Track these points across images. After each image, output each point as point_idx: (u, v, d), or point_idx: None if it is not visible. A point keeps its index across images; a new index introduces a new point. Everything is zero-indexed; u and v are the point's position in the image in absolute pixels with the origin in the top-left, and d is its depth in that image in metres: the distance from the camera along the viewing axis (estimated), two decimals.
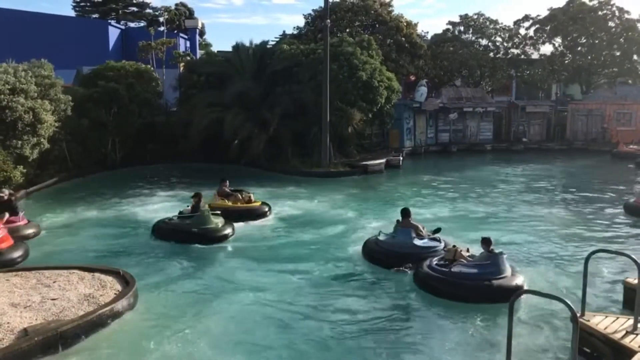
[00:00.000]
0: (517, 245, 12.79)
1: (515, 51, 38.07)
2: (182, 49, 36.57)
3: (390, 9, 34.94)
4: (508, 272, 9.35)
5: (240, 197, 15.32)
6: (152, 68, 26.92)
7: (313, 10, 36.47)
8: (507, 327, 5.88)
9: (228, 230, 13.03)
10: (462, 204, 17.86)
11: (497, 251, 9.54)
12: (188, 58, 31.52)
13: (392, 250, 10.80)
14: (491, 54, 37.96)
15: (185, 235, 12.53)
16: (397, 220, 11.51)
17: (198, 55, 36.61)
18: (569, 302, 5.59)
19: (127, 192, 19.08)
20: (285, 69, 25.75)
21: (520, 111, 35.96)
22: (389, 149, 30.07)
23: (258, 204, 15.55)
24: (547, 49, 38.09)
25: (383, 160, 25.61)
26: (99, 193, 18.97)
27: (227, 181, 15.85)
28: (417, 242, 10.90)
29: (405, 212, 11.38)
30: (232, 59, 26.82)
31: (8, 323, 7.55)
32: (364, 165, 24.44)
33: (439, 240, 11.04)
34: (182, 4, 51.89)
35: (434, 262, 9.78)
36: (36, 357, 7.08)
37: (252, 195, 15.66)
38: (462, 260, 9.60)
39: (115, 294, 8.81)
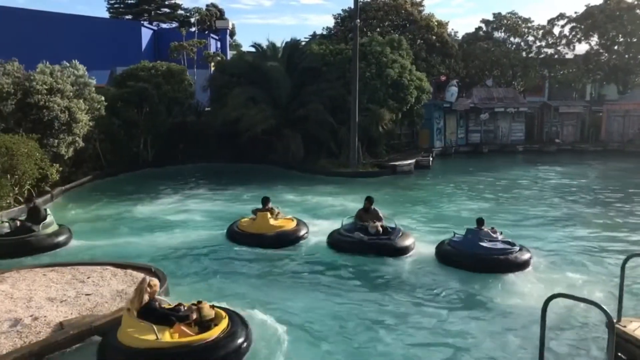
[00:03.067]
0: (550, 247, 12.55)
1: (549, 50, 37.33)
2: (212, 49, 37.01)
3: (421, 8, 34.69)
4: (516, 247, 10.75)
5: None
6: (184, 68, 27.27)
7: (343, 10, 36.49)
8: (540, 331, 5.75)
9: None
10: (492, 205, 17.61)
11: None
12: (219, 58, 31.87)
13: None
14: (524, 53, 37.32)
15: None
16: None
17: (229, 56, 36.98)
18: (604, 307, 5.45)
19: (157, 192, 19.32)
20: (314, 68, 25.83)
21: (553, 111, 35.26)
22: (418, 149, 29.85)
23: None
24: (582, 47, 37.28)
25: (412, 161, 25.42)
26: (130, 191, 19.31)
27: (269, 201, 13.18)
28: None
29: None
30: (263, 59, 26.99)
31: (45, 316, 7.75)
32: (392, 166, 24.30)
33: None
34: (213, 5, 52.46)
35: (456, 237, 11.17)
36: (70, 350, 7.23)
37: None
38: None
39: None
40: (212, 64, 31.80)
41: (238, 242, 12.32)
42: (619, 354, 7.00)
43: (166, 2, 50.91)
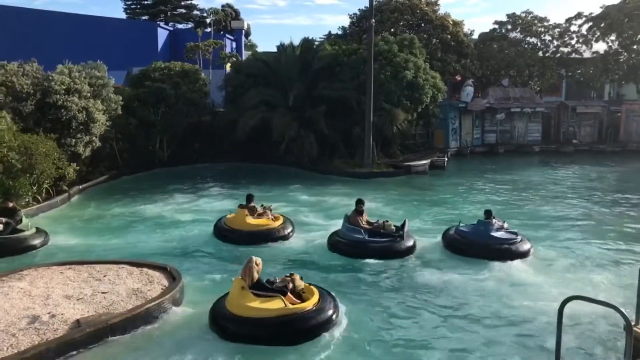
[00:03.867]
0: (568, 249, 12.42)
1: (566, 50, 36.89)
2: (228, 49, 37.16)
3: (436, 7, 34.50)
4: (518, 236, 11.69)
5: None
6: (198, 68, 27.43)
7: (359, 10, 36.43)
8: (556, 334, 5.70)
9: None
10: (508, 206, 17.47)
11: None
12: (234, 59, 32.00)
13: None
14: (540, 53, 36.92)
15: None
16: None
17: (244, 56, 37.11)
18: (622, 310, 5.38)
19: (170, 191, 19.40)
20: (328, 68, 25.82)
21: (570, 112, 34.84)
22: (433, 149, 29.70)
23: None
24: (600, 47, 36.77)
25: (427, 161, 25.30)
26: (144, 191, 19.45)
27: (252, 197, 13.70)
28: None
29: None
30: (277, 59, 27.04)
31: (62, 314, 7.85)
32: (407, 166, 24.21)
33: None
34: (229, 5, 52.69)
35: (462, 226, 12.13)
36: (87, 347, 7.33)
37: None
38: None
39: (162, 289, 9.03)
40: (228, 64, 31.94)
41: (220, 236, 12.82)
42: (638, 359, 6.90)
43: (182, 3, 51.22)
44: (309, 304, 7.84)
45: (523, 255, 11.32)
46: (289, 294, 7.93)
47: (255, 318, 7.62)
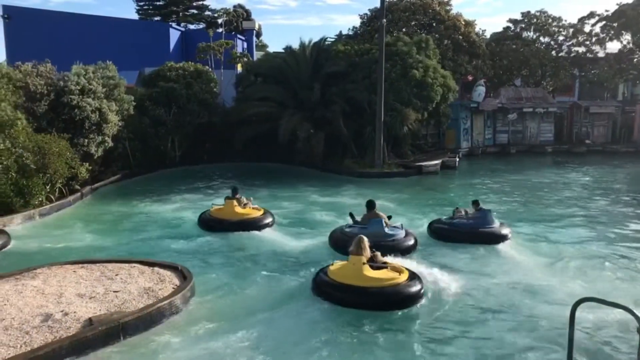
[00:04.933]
0: (579, 251, 12.34)
1: (580, 49, 36.59)
2: (239, 50, 37.24)
3: (448, 7, 34.36)
4: (496, 224, 12.68)
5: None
6: (210, 69, 27.55)
7: (370, 10, 36.38)
8: (568, 336, 5.64)
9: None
10: (520, 206, 17.39)
11: (485, 208, 12.98)
12: (245, 59, 32.10)
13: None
14: (553, 53, 36.66)
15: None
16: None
17: (255, 56, 37.21)
18: (636, 312, 5.32)
19: (179, 191, 19.47)
20: (340, 69, 25.81)
21: (583, 112, 34.55)
22: (444, 149, 29.59)
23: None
24: (614, 46, 36.40)
25: (438, 161, 25.20)
26: (154, 190, 19.56)
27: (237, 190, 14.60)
28: (387, 230, 11.69)
29: (371, 204, 12.15)
30: (289, 60, 27.09)
31: (75, 312, 7.92)
32: (418, 166, 24.14)
33: (400, 228, 12.04)
34: (240, 6, 52.88)
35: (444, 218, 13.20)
36: (99, 346, 7.40)
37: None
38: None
39: (173, 288, 9.08)
40: (239, 64, 32.04)
41: (207, 227, 13.71)
42: None
43: (194, 4, 51.46)
44: (406, 276, 9.01)
45: (503, 238, 12.50)
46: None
47: (375, 287, 8.72)
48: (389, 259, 9.84)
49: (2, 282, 9.11)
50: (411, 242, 11.79)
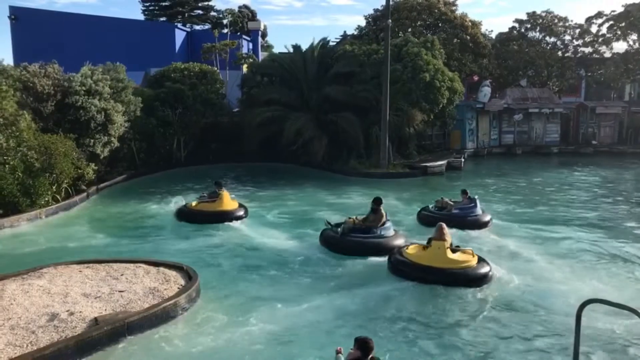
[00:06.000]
0: (585, 252, 12.29)
1: (586, 49, 36.42)
2: (244, 50, 37.28)
3: (454, 7, 34.27)
4: (479, 211, 14.22)
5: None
6: (216, 69, 27.59)
7: (375, 9, 36.36)
8: (574, 337, 5.62)
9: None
10: (526, 207, 17.32)
11: (473, 197, 14.45)
12: (250, 59, 32.12)
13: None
14: (559, 53, 36.51)
15: None
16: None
17: (260, 57, 37.22)
18: None
19: (181, 191, 19.37)
20: (347, 69, 25.79)
21: (589, 112, 34.38)
22: (450, 150, 29.51)
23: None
24: (620, 46, 36.20)
25: (444, 162, 25.15)
26: (164, 190, 19.59)
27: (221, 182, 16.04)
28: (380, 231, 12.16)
29: (378, 201, 12.47)
30: (295, 60, 27.08)
31: (80, 312, 7.95)
32: (423, 167, 24.09)
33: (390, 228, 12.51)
34: (245, 6, 52.91)
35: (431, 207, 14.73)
36: (104, 345, 7.42)
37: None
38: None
39: (178, 288, 9.10)
40: (244, 65, 32.07)
41: (187, 219, 14.70)
42: None
43: (199, 4, 51.53)
44: (476, 259, 10.30)
45: (483, 225, 14.02)
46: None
47: (456, 267, 9.98)
48: None
49: (9, 281, 9.15)
50: (399, 242, 11.87)
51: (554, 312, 8.94)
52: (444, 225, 10.46)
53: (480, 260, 10.37)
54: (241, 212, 15.30)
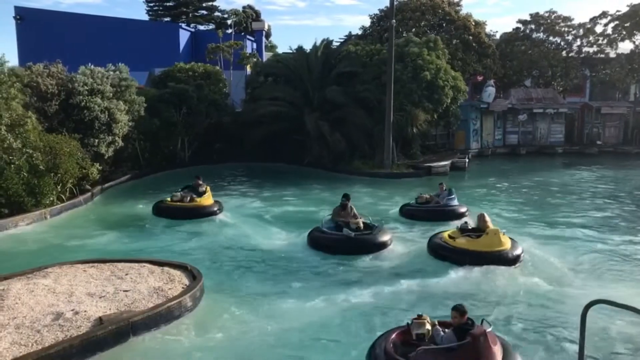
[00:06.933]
0: (592, 253, 12.25)
1: (591, 49, 36.30)
2: (248, 50, 37.31)
3: (458, 8, 34.23)
4: (456, 203, 15.33)
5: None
6: (220, 69, 27.62)
7: (379, 10, 36.33)
8: (579, 339, 5.59)
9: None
10: (530, 208, 17.27)
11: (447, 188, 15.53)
12: (254, 59, 32.15)
13: None
14: (564, 53, 36.39)
15: None
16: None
17: (264, 57, 37.24)
18: None
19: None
20: (350, 69, 25.79)
21: (594, 112, 34.28)
22: (454, 150, 29.48)
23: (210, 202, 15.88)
24: (626, 46, 36.05)
25: (448, 162, 25.12)
26: (168, 190, 19.38)
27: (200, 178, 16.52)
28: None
29: (347, 196, 13.03)
30: (299, 60, 27.09)
31: (85, 311, 7.96)
32: (427, 167, 24.07)
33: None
34: (250, 7, 52.95)
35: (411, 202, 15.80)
36: (109, 345, 7.43)
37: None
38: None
39: (182, 288, 9.11)
40: (248, 65, 32.10)
41: (163, 215, 15.06)
42: None
43: (203, 4, 51.62)
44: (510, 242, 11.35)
45: (460, 216, 14.76)
46: None
47: (505, 249, 11.03)
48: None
49: (14, 280, 9.18)
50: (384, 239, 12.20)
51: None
52: (485, 214, 11.70)
53: (514, 243, 11.37)
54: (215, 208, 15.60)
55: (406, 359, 6.18)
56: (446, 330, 6.52)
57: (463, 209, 15.19)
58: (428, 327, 6.57)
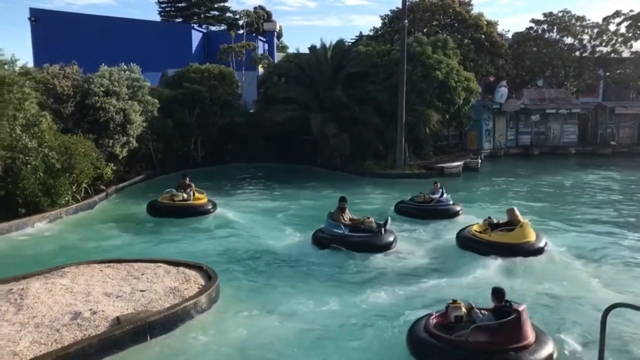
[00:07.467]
0: (606, 256, 12.15)
1: (604, 49, 35.98)
2: (260, 51, 37.42)
3: (469, 7, 34.08)
4: (451, 202, 15.79)
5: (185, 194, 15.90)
6: (233, 71, 27.71)
7: (390, 10, 36.29)
8: (599, 342, 5.57)
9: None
10: (544, 209, 17.14)
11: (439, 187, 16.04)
12: (266, 60, 32.24)
13: None
14: (577, 53, 36.10)
15: None
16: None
17: (276, 58, 37.34)
18: None
19: (206, 190, 19.36)
20: (361, 70, 25.78)
21: (608, 113, 34.01)
22: (466, 151, 29.36)
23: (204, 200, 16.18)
24: None
25: (460, 163, 25.02)
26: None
27: (188, 177, 16.78)
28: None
29: (344, 199, 13.00)
30: (311, 60, 27.12)
31: (103, 311, 8.03)
32: (440, 168, 23.98)
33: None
34: (261, 7, 53.05)
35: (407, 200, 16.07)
36: (126, 344, 7.51)
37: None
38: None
39: (198, 288, 9.16)
40: (260, 65, 32.21)
41: (156, 214, 15.35)
42: None
43: (215, 5, 51.80)
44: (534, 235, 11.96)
45: (455, 214, 15.38)
46: None
47: (533, 241, 11.71)
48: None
49: (33, 280, 9.29)
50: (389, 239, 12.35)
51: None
52: (515, 208, 12.30)
53: (538, 236, 11.99)
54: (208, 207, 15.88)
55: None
56: (483, 312, 7.26)
57: (457, 208, 15.69)
58: (464, 309, 7.33)
